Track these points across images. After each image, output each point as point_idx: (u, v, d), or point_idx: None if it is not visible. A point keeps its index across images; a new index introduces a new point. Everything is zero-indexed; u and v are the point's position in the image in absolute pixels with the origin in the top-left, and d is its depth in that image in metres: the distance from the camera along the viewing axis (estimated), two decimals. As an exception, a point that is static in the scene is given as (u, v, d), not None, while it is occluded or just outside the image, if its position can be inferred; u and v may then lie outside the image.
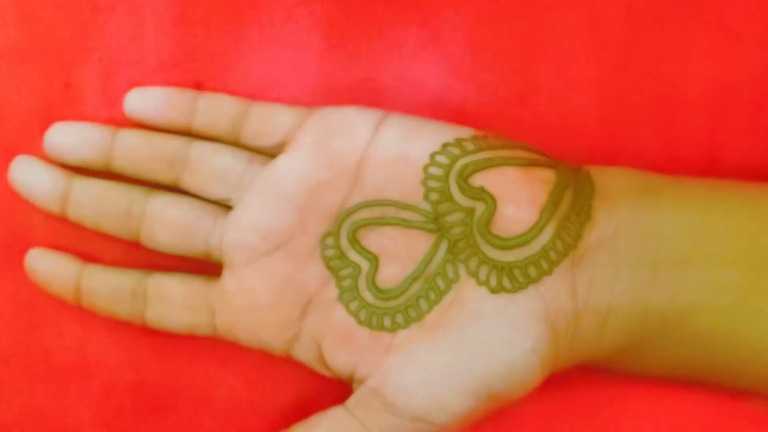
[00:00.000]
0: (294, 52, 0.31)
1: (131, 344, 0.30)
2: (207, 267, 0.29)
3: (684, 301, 0.27)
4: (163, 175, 0.29)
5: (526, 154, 0.28)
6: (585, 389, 0.30)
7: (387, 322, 0.28)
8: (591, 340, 0.27)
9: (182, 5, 0.30)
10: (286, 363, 0.30)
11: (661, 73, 0.31)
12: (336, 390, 0.29)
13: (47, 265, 0.29)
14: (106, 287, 0.29)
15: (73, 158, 0.29)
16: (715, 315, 0.26)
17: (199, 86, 0.30)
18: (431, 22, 0.31)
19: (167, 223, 0.28)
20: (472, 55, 0.31)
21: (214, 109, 0.29)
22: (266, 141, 0.29)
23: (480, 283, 0.27)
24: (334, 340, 0.28)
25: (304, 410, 0.29)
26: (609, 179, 0.28)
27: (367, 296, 0.28)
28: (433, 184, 0.28)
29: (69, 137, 0.29)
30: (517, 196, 0.27)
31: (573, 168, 0.28)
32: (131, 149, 0.29)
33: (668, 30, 0.31)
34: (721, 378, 0.28)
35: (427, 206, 0.28)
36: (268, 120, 0.29)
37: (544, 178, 0.27)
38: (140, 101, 0.29)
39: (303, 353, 0.28)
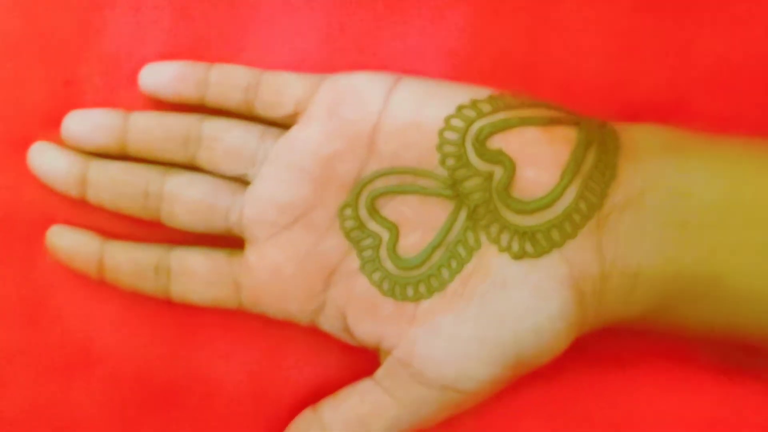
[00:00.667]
0: (294, 46, 0.30)
1: (135, 339, 0.30)
2: (228, 241, 0.29)
3: (717, 262, 0.25)
4: (179, 155, 0.29)
5: (546, 113, 0.27)
6: (587, 388, 0.29)
7: (410, 292, 0.27)
8: (620, 301, 0.26)
9: (182, 1, 0.30)
10: (291, 356, 0.30)
11: (667, 56, 0.29)
12: (341, 382, 0.29)
13: (69, 241, 0.29)
14: (130, 262, 0.29)
15: (90, 144, 0.29)
16: (751, 276, 0.25)
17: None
18: (433, 15, 0.30)
19: (186, 202, 0.28)
20: (475, 47, 0.30)
21: (226, 80, 0.29)
22: (278, 112, 0.28)
23: (502, 250, 0.26)
24: (359, 310, 0.28)
25: (309, 403, 0.29)
26: (635, 135, 0.27)
27: (389, 266, 0.27)
28: (448, 149, 0.27)
29: (84, 124, 0.29)
30: (537, 157, 0.26)
31: (597, 124, 0.27)
32: (145, 131, 0.29)
33: (675, 13, 0.29)
34: (759, 338, 0.27)
35: (444, 172, 0.27)
36: (278, 90, 0.28)
37: (566, 136, 0.26)
38: (154, 76, 0.29)
39: (328, 324, 0.28)
